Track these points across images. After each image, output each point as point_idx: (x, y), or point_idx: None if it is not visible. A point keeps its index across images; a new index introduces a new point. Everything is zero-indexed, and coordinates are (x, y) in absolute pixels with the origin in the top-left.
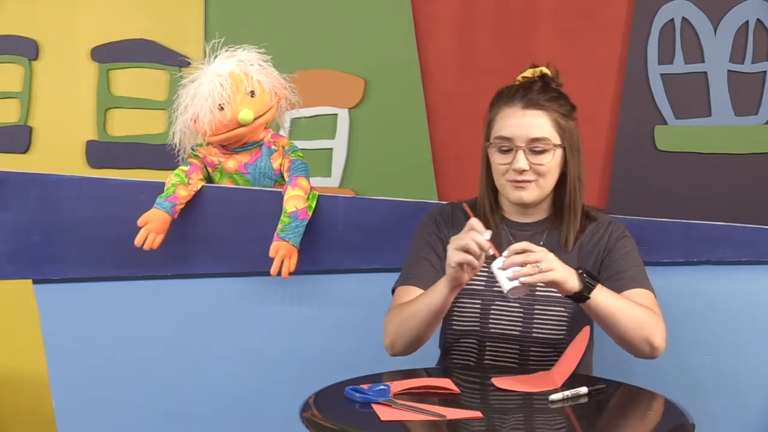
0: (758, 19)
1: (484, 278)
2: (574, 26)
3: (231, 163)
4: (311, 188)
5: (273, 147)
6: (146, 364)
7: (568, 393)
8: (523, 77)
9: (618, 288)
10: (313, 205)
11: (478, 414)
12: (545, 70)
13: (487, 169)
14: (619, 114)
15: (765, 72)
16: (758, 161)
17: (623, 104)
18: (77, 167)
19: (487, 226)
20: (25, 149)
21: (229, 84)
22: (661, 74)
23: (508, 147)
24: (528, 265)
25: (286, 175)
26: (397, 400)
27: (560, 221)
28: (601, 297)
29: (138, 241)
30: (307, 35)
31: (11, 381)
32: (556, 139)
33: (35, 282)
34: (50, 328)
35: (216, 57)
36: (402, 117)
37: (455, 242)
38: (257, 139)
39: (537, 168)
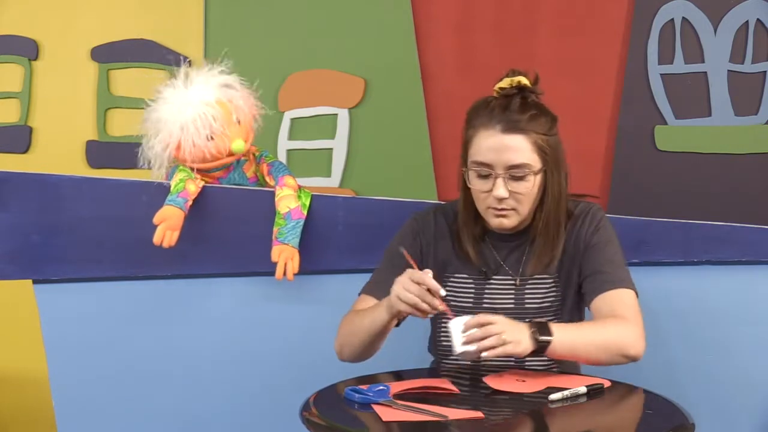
0: (758, 19)
1: (472, 296)
2: (574, 26)
3: (204, 181)
4: (299, 186)
5: (243, 158)
6: (146, 364)
7: (567, 393)
8: (500, 88)
9: (594, 291)
10: (307, 204)
11: (479, 414)
12: (524, 80)
13: (466, 188)
14: (619, 114)
15: (765, 72)
16: (758, 161)
17: (623, 104)
18: (77, 167)
19: (471, 237)
20: (25, 149)
21: (220, 114)
22: (661, 74)
23: (486, 173)
24: (492, 336)
25: (268, 179)
26: (397, 401)
27: (544, 235)
28: (559, 347)
29: (156, 239)
30: (307, 35)
31: (11, 381)
32: (536, 163)
33: (35, 282)
34: (50, 328)
35: (191, 81)
36: (402, 117)
37: (405, 294)
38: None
39: (517, 195)
